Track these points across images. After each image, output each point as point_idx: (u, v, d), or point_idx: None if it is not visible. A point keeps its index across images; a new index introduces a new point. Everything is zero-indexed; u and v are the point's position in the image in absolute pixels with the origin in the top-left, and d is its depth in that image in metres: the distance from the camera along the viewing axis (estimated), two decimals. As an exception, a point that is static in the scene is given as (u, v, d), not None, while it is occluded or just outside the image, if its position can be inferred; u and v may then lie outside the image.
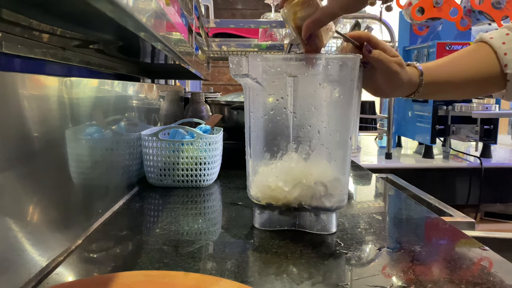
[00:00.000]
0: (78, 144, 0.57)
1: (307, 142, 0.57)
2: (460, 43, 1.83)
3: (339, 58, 0.56)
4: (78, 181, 0.57)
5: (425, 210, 0.72)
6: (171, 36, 0.57)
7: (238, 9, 3.25)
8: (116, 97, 0.75)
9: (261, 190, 0.58)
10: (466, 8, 1.90)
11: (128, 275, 0.41)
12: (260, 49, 1.71)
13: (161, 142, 0.82)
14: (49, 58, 0.55)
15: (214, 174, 0.87)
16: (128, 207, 0.71)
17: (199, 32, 1.20)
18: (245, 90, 0.59)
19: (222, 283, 0.40)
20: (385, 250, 0.53)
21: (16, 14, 0.42)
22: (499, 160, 1.92)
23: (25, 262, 0.43)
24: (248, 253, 0.52)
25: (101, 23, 0.43)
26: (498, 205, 1.87)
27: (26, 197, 0.44)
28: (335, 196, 0.57)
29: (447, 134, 1.93)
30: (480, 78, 0.65)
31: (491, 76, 0.65)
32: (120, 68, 0.90)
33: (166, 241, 0.55)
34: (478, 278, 0.45)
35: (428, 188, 1.23)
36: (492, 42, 0.64)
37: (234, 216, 0.67)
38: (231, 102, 1.12)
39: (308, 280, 0.44)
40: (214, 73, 3.19)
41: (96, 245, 0.55)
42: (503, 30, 0.65)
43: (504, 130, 2.86)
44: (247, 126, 0.60)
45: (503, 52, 0.63)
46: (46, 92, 0.49)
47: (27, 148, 0.44)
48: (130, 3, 0.34)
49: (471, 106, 1.83)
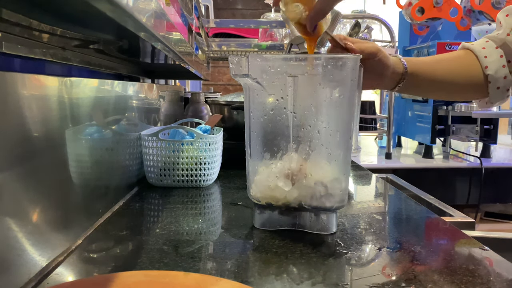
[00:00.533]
0: (78, 144, 0.57)
1: (307, 142, 0.57)
2: (460, 43, 1.83)
3: (339, 58, 0.56)
4: (78, 181, 0.57)
5: (425, 210, 0.72)
6: (171, 36, 0.57)
7: (238, 9, 3.25)
8: (116, 97, 0.75)
9: (261, 190, 0.58)
10: (466, 8, 1.90)
11: (128, 275, 0.41)
12: (260, 49, 1.71)
13: (161, 142, 0.82)
14: (49, 58, 0.55)
15: (214, 174, 0.87)
16: (128, 207, 0.71)
17: (199, 32, 1.20)
18: (245, 90, 0.59)
19: (222, 283, 0.40)
20: (385, 250, 0.53)
21: (16, 14, 0.42)
22: (499, 160, 1.92)
23: (25, 262, 0.43)
24: (248, 253, 0.52)
25: (101, 23, 0.43)
26: (498, 205, 1.87)
27: (26, 197, 0.44)
28: (335, 196, 0.57)
29: (447, 134, 1.93)
30: (463, 81, 0.69)
31: (474, 82, 0.69)
32: (120, 68, 0.90)
33: (166, 241, 0.55)
34: (478, 278, 0.45)
35: (428, 188, 1.23)
36: (473, 48, 0.70)
37: (234, 216, 0.67)
38: (231, 102, 1.12)
39: (308, 280, 0.44)
40: (214, 73, 3.19)
41: (96, 245, 0.55)
42: (483, 39, 0.70)
43: (504, 130, 2.86)
44: (247, 126, 0.60)
45: (483, 55, 0.68)
46: (46, 92, 0.49)
47: (27, 148, 0.44)
48: (130, 3, 0.34)
49: (471, 106, 1.83)
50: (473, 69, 0.68)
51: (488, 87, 0.68)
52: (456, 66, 0.69)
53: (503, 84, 0.68)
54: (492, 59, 0.67)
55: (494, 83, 0.68)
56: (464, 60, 0.70)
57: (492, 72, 0.67)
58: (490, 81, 0.68)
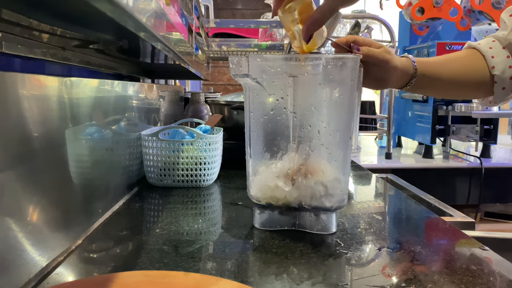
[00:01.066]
0: (78, 144, 0.57)
1: (307, 142, 0.57)
2: (460, 43, 1.83)
3: (339, 58, 0.56)
4: (78, 181, 0.57)
5: (425, 210, 0.72)
6: (171, 36, 0.57)
7: (238, 9, 3.25)
8: (116, 97, 0.75)
9: (261, 190, 0.58)
10: (466, 8, 1.90)
11: (128, 275, 0.41)
12: (260, 49, 1.71)
13: (161, 142, 0.82)
14: (49, 58, 0.55)
15: (214, 174, 0.87)
16: (128, 207, 0.71)
17: (199, 32, 1.20)
18: (245, 90, 0.59)
19: (222, 283, 0.40)
20: (385, 250, 0.53)
21: (16, 14, 0.42)
22: (499, 160, 1.92)
23: (25, 262, 0.43)
24: (248, 253, 0.52)
25: (101, 23, 0.43)
26: (498, 205, 1.87)
27: (26, 197, 0.44)
28: (335, 196, 0.57)
29: (447, 134, 1.93)
30: (470, 81, 0.69)
31: (480, 81, 0.69)
32: (120, 68, 0.90)
33: (166, 241, 0.55)
34: (478, 278, 0.45)
35: (428, 188, 1.23)
36: (480, 47, 0.69)
37: (234, 216, 0.67)
38: (231, 102, 1.12)
39: (308, 280, 0.44)
40: (214, 73, 3.19)
41: (96, 245, 0.55)
42: (489, 38, 0.70)
43: (504, 130, 2.86)
44: (247, 126, 0.60)
45: (490, 55, 0.68)
46: (46, 92, 0.49)
47: (27, 148, 0.44)
48: (130, 3, 0.34)
49: (471, 106, 1.83)
50: (480, 69, 0.68)
51: (494, 87, 0.68)
52: (463, 66, 0.69)
53: (509, 85, 0.68)
54: (499, 59, 0.67)
55: (500, 84, 0.67)
56: (471, 60, 0.69)
57: (499, 73, 0.67)
58: (496, 81, 0.67)
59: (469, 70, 0.69)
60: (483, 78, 0.68)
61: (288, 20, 0.56)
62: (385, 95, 2.34)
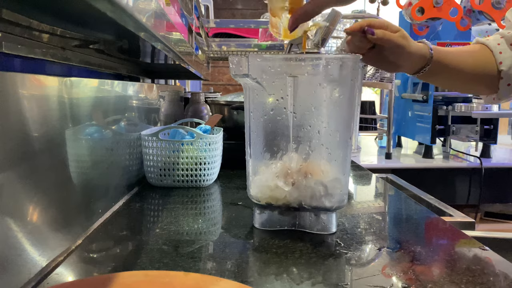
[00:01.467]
0: (78, 144, 0.57)
1: (307, 142, 0.57)
2: (460, 43, 1.83)
3: (339, 58, 0.56)
4: (78, 181, 0.57)
5: (425, 210, 0.72)
6: (171, 36, 0.57)
7: (238, 9, 3.25)
8: (116, 97, 0.75)
9: (261, 190, 0.58)
10: (466, 8, 1.90)
11: (128, 275, 0.41)
12: (260, 49, 1.71)
13: (161, 142, 0.82)
14: (49, 58, 0.55)
15: (214, 174, 0.87)
16: (128, 207, 0.71)
17: (199, 32, 1.20)
18: (245, 90, 0.59)
19: (222, 283, 0.40)
20: (385, 250, 0.53)
21: (16, 14, 0.42)
22: (499, 160, 1.92)
23: (25, 262, 0.43)
24: (248, 253, 0.52)
25: (101, 23, 0.43)
26: (498, 205, 1.87)
27: (26, 197, 0.44)
28: (335, 196, 0.57)
29: (447, 134, 1.93)
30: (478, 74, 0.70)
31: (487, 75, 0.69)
32: (120, 68, 0.90)
33: (166, 241, 0.55)
34: (478, 278, 0.45)
35: (428, 188, 1.23)
36: (488, 43, 0.70)
37: (234, 216, 0.67)
38: (231, 102, 1.12)
39: (308, 280, 0.44)
40: (214, 73, 3.19)
41: (96, 245, 0.55)
42: (497, 35, 0.71)
43: (504, 130, 2.86)
44: (247, 126, 0.60)
45: (498, 51, 0.69)
46: (46, 92, 0.49)
47: (27, 148, 0.44)
48: (130, 3, 0.34)
49: (471, 106, 1.83)
50: (489, 63, 0.69)
51: (500, 82, 0.69)
52: (474, 59, 0.70)
53: None
54: (507, 55, 0.68)
55: (506, 79, 0.68)
56: (481, 54, 0.70)
57: (506, 68, 0.68)
58: (502, 77, 0.68)
59: (479, 63, 0.69)
60: (490, 73, 0.69)
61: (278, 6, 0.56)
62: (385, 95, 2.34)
